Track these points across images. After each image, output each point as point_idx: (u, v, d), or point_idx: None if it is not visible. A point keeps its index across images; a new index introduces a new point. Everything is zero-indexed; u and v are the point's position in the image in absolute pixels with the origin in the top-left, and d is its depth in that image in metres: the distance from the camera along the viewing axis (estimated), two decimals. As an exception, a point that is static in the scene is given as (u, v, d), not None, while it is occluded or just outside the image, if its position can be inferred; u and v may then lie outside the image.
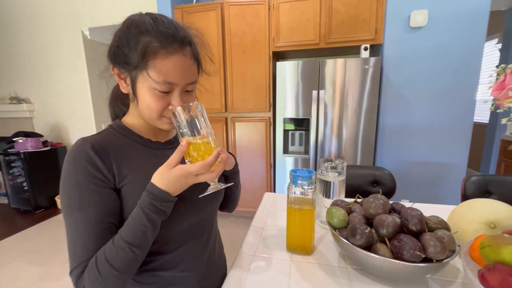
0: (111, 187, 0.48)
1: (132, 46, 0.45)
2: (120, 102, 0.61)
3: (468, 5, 1.75)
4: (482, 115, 3.52)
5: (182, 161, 0.47)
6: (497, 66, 1.33)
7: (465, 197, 1.16)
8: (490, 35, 3.36)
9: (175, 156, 0.45)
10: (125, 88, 0.51)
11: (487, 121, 3.37)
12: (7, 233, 2.33)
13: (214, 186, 0.49)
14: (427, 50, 1.86)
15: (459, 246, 0.55)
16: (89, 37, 2.76)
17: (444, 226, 0.56)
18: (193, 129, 0.47)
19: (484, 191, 1.15)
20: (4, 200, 3.02)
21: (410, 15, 1.83)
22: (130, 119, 0.56)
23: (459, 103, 1.87)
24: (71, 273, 0.45)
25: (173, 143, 0.61)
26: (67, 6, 2.70)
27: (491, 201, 0.62)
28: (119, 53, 0.47)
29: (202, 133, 0.47)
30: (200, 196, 0.49)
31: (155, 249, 0.52)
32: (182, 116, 0.46)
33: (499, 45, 3.04)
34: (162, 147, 0.58)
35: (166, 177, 0.45)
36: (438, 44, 1.83)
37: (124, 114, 0.59)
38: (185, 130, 0.46)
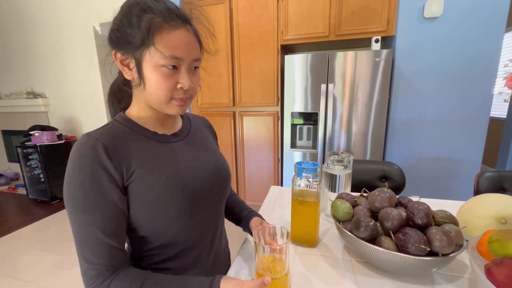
0: (118, 186, 0.46)
1: (134, 24, 0.44)
2: (118, 99, 0.59)
3: (487, -7, 1.67)
4: (500, 109, 3.37)
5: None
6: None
7: (477, 193, 1.13)
8: (510, 26, 3.19)
9: (253, 285, 0.41)
10: (129, 74, 0.49)
11: (505, 116, 3.24)
12: (25, 223, 2.45)
13: None
14: (442, 41, 1.79)
15: (467, 241, 0.53)
16: (100, 32, 2.81)
17: (452, 220, 0.55)
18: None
19: (498, 188, 1.11)
20: (23, 191, 3.16)
21: (425, 4, 1.76)
22: (135, 111, 0.54)
23: (475, 96, 1.79)
24: (84, 273, 0.44)
25: (179, 136, 0.59)
26: (79, 1, 2.75)
27: (503, 196, 0.60)
28: (121, 35, 0.46)
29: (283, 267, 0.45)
30: None
31: (164, 243, 0.53)
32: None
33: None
34: (168, 140, 0.56)
35: None
36: (454, 35, 1.76)
37: (122, 110, 0.57)
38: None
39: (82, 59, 2.91)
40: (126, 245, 0.51)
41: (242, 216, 0.70)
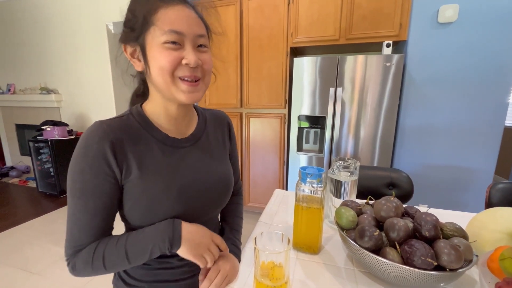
0: (116, 180, 0.48)
1: (136, 13, 0.46)
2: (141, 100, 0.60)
3: (504, -1, 1.62)
4: (515, 118, 3.26)
5: None
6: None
7: (489, 205, 1.09)
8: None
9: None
10: (138, 65, 0.50)
11: (520, 126, 3.12)
12: (34, 215, 2.51)
13: None
14: (456, 47, 1.74)
15: (476, 256, 0.51)
16: (113, 31, 2.86)
17: (462, 234, 0.53)
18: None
19: (511, 200, 1.07)
20: (33, 184, 3.24)
21: (439, 9, 1.72)
22: (150, 106, 0.55)
23: (489, 105, 1.74)
24: (66, 252, 0.48)
25: (190, 141, 0.58)
26: (92, 0, 2.81)
27: (516, 210, 0.57)
28: (126, 28, 0.48)
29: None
30: None
31: None
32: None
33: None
34: (176, 145, 0.55)
35: (194, 235, 0.51)
36: (468, 41, 1.71)
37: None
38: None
39: (95, 57, 2.97)
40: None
41: None
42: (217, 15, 0.55)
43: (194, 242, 0.50)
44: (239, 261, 0.63)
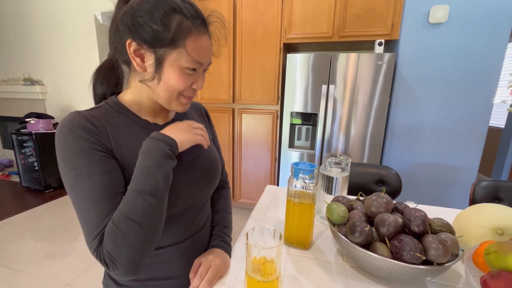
0: (113, 155, 0.47)
1: (164, 23, 0.43)
2: (107, 81, 0.56)
3: (493, 2, 1.66)
4: (498, 119, 3.39)
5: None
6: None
7: (473, 202, 1.12)
8: (514, 36, 3.19)
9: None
10: (140, 66, 0.47)
11: (503, 126, 3.25)
12: (18, 210, 2.42)
13: None
14: (445, 48, 1.78)
15: (462, 250, 0.53)
16: (101, 21, 2.77)
17: (449, 229, 0.54)
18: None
19: (494, 197, 1.11)
20: (16, 179, 3.13)
21: (430, 10, 1.75)
22: (129, 98, 0.53)
23: (475, 105, 1.79)
24: (91, 244, 0.42)
25: None
26: (81, -11, 2.71)
27: (500, 206, 0.59)
28: (144, 28, 0.44)
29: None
30: None
31: None
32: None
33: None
34: (159, 129, 0.53)
35: (173, 128, 0.50)
36: (457, 42, 1.75)
37: (113, 94, 0.56)
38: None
39: (82, 48, 2.87)
40: None
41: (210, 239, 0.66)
42: (224, 29, 0.54)
43: (177, 130, 0.50)
44: (230, 257, 0.62)
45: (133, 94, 0.53)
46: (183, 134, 0.49)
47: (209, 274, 0.53)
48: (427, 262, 0.49)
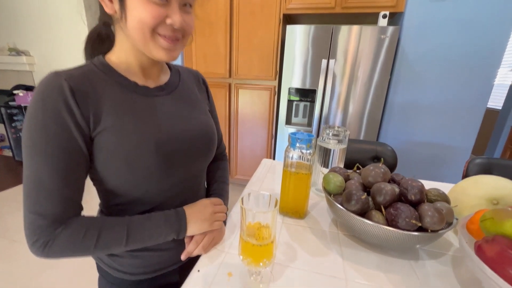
0: (84, 134, 0.42)
1: None
2: (100, 47, 0.52)
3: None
4: (496, 100, 3.37)
5: None
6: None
7: (466, 178, 1.13)
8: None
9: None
10: (109, 7, 0.43)
11: (500, 107, 3.25)
12: (12, 184, 2.41)
13: None
14: (450, 23, 1.71)
15: (457, 219, 0.53)
16: (88, -14, 2.58)
17: (444, 198, 0.54)
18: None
19: (487, 174, 1.12)
20: (9, 153, 3.08)
21: (438, -20, 1.65)
22: (115, 56, 0.48)
23: (476, 85, 1.76)
24: (29, 226, 0.40)
25: (163, 90, 0.53)
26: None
27: (496, 177, 0.59)
28: None
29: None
30: None
31: (131, 200, 0.50)
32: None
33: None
34: (149, 93, 0.50)
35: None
36: (463, 17, 1.68)
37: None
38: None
39: (69, 16, 2.70)
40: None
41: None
42: None
43: (199, 219, 0.52)
44: (225, 225, 0.62)
45: (119, 50, 0.48)
46: (201, 225, 0.52)
47: (204, 241, 0.52)
48: (420, 230, 0.49)
